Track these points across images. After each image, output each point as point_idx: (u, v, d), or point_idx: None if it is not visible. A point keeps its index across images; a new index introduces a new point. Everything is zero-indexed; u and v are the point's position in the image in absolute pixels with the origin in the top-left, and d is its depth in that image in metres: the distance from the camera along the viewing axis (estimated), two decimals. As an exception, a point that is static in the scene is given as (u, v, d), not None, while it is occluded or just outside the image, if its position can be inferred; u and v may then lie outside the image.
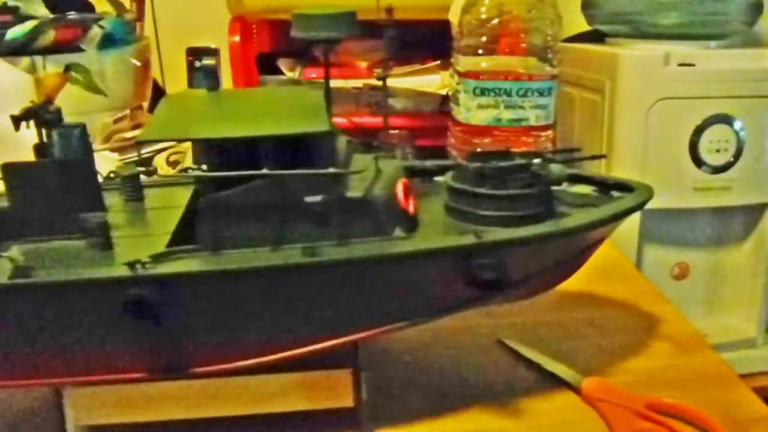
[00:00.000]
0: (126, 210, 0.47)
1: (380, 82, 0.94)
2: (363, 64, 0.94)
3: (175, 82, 1.17)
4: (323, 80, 0.45)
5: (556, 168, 0.42)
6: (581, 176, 0.50)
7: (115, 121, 0.97)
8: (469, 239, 0.39)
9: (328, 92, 0.44)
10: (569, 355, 0.53)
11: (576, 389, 0.48)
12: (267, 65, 0.97)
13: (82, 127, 0.42)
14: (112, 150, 0.92)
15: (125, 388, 0.41)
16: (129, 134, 0.94)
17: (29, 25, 0.94)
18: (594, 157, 0.48)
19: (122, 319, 0.36)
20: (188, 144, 1.01)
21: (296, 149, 0.39)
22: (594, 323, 0.58)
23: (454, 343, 0.55)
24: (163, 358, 0.40)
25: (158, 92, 1.15)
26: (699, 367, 0.52)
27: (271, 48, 1.02)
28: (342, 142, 0.44)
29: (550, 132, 0.81)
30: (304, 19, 0.43)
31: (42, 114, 0.41)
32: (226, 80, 0.94)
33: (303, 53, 1.01)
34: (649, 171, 0.83)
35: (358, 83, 0.89)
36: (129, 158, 0.91)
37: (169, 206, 0.46)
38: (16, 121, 0.40)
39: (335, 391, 0.43)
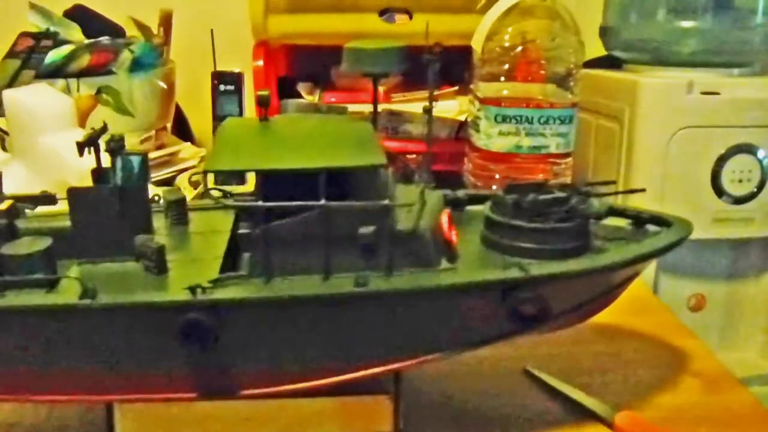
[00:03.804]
0: (172, 233, 0.47)
1: (397, 107, 0.96)
2: (380, 89, 0.94)
3: (195, 104, 1.20)
4: (343, 105, 0.47)
5: (596, 202, 0.43)
6: (616, 209, 0.47)
7: (141, 142, 0.98)
8: (514, 273, 0.38)
9: (376, 123, 0.44)
10: (596, 388, 0.50)
11: (609, 424, 0.46)
12: (285, 89, 0.97)
13: (144, 156, 0.43)
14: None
15: (171, 406, 0.42)
16: (154, 154, 0.96)
17: (66, 49, 0.96)
18: (633, 191, 0.48)
19: (176, 341, 0.37)
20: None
21: (348, 181, 0.39)
22: (620, 356, 0.56)
23: (478, 370, 0.53)
24: (214, 380, 0.40)
25: (179, 114, 1.17)
26: (731, 405, 0.50)
27: (289, 72, 1.03)
28: (387, 173, 0.44)
29: (569, 160, 0.78)
30: (356, 53, 0.43)
31: (110, 143, 0.42)
32: (250, 103, 0.96)
33: (321, 77, 1.03)
34: (668, 201, 0.80)
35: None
36: (156, 177, 0.93)
37: (213, 231, 0.47)
38: (81, 147, 0.42)
39: (373, 418, 0.42)
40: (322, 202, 0.37)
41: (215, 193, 0.60)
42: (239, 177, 0.86)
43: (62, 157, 0.77)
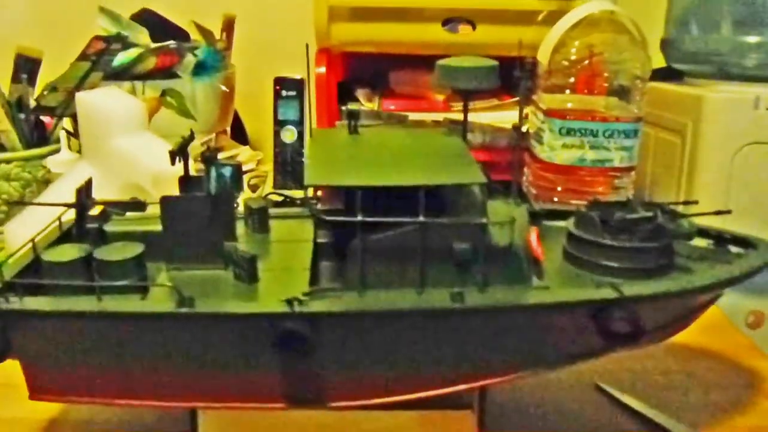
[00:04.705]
0: (254, 241, 0.48)
1: (456, 116, 0.95)
2: (439, 98, 0.95)
3: (251, 108, 1.22)
4: (404, 113, 0.47)
5: (686, 222, 0.43)
6: (700, 228, 0.47)
7: (202, 145, 0.98)
8: (609, 293, 0.38)
9: (465, 137, 0.45)
10: (671, 406, 0.50)
11: (690, 446, 0.44)
12: (342, 95, 0.97)
13: (237, 167, 0.44)
14: (197, 172, 0.95)
15: (253, 413, 0.43)
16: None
17: (135, 52, 0.98)
18: (720, 212, 0.48)
19: (270, 350, 0.38)
20: (269, 168, 1.04)
21: (442, 197, 0.40)
22: (694, 375, 0.55)
23: (550, 383, 0.53)
24: (305, 390, 0.40)
25: (236, 118, 1.19)
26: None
27: (345, 77, 1.04)
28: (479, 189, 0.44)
29: (633, 174, 0.78)
30: (449, 70, 0.44)
31: (205, 152, 0.43)
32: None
33: (378, 83, 1.03)
34: (731, 217, 0.80)
35: (437, 117, 0.89)
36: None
37: (294, 240, 0.48)
38: (173, 155, 0.43)
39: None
40: (421, 218, 0.38)
41: (274, 197, 0.61)
42: (300, 182, 0.87)
43: (135, 159, 0.78)
